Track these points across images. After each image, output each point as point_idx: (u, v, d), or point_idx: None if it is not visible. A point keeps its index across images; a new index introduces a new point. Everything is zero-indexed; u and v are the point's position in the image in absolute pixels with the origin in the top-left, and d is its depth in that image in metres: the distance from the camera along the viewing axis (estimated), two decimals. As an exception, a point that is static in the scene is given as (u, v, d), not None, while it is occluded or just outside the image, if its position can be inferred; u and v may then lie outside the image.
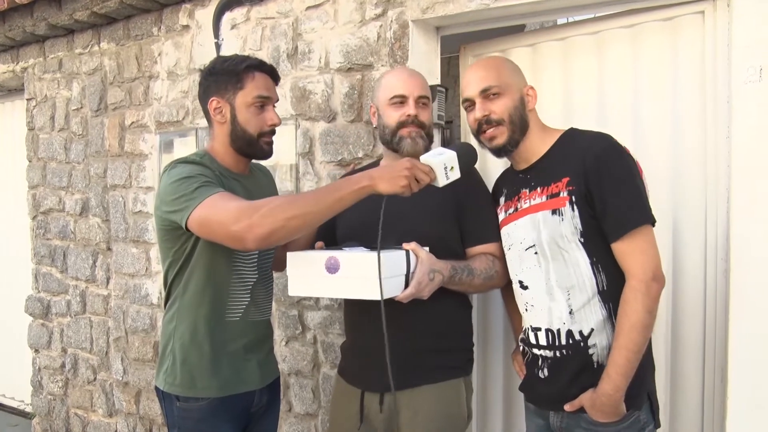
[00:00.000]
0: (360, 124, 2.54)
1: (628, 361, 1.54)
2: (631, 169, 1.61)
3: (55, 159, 3.74)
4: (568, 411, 1.66)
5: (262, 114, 1.84)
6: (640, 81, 2.14)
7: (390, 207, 1.87)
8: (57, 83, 3.70)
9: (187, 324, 1.83)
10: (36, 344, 3.93)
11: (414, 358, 1.84)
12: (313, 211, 1.54)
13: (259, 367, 1.92)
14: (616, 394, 1.55)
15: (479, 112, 1.74)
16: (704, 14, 2.00)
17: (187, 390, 1.82)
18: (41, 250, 3.85)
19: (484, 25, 2.40)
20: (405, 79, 1.94)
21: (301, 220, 1.54)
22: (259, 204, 1.54)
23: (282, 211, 1.52)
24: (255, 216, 1.51)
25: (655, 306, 1.55)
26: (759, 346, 1.83)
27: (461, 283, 1.80)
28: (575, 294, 1.64)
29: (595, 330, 1.62)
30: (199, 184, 1.65)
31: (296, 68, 2.71)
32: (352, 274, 1.59)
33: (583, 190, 1.59)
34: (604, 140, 1.64)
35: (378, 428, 1.89)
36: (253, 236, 1.52)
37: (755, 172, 1.84)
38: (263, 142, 1.86)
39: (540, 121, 1.79)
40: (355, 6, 2.53)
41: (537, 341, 1.73)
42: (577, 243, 1.62)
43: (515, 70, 1.79)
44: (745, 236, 1.85)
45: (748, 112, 1.85)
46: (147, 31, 3.24)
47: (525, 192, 1.75)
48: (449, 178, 1.60)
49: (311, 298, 2.67)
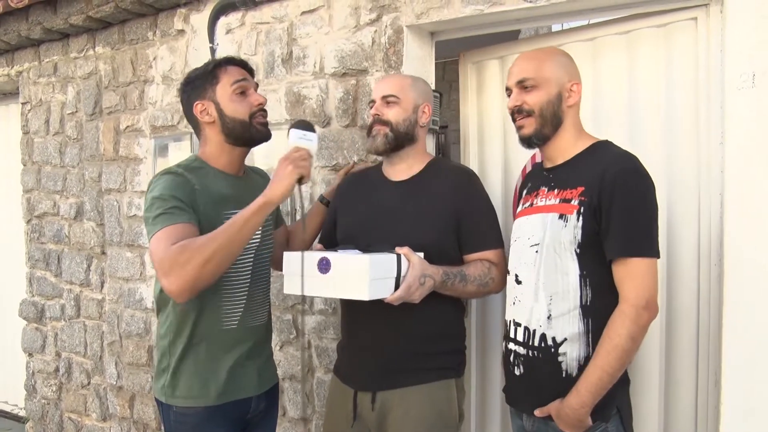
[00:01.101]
0: (355, 129, 2.54)
1: (600, 381, 1.54)
2: (648, 198, 1.59)
3: (50, 163, 3.73)
4: (537, 416, 1.67)
5: (246, 98, 1.87)
6: (634, 87, 2.14)
7: (387, 214, 1.91)
8: (52, 87, 3.70)
9: (182, 338, 1.83)
10: (30, 348, 3.92)
11: (405, 359, 1.87)
12: (223, 247, 1.60)
13: (257, 374, 1.93)
14: (581, 410, 1.56)
15: (512, 101, 1.76)
16: (697, 21, 2.01)
17: (184, 400, 1.83)
18: (35, 254, 3.84)
19: (479, 30, 2.41)
20: (377, 84, 2.02)
21: (214, 262, 1.59)
22: (177, 251, 1.58)
23: (195, 261, 1.56)
24: (176, 268, 1.57)
25: (640, 334, 1.54)
26: (753, 350, 1.82)
27: (454, 289, 1.82)
28: (557, 301, 1.64)
29: (569, 340, 1.63)
30: (163, 210, 1.68)
31: (291, 73, 2.71)
32: (342, 275, 1.63)
33: (595, 203, 1.59)
34: (629, 161, 1.62)
35: (371, 426, 1.92)
36: (177, 289, 1.59)
37: (749, 178, 1.84)
38: (256, 123, 1.88)
39: (579, 123, 1.77)
40: (349, 11, 2.53)
41: (515, 336, 1.75)
42: (572, 252, 1.62)
43: (561, 65, 1.75)
44: (739, 241, 1.85)
45: (741, 118, 1.85)
46: (142, 35, 3.24)
47: (543, 190, 1.75)
48: (311, 140, 1.71)
49: (305, 303, 2.67)
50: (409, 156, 1.99)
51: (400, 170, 2.00)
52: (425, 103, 1.99)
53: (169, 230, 1.65)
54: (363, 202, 2.02)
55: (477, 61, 2.57)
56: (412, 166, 1.99)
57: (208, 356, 1.83)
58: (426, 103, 1.99)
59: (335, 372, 2.06)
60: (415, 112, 1.96)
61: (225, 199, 1.82)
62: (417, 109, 1.97)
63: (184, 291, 1.59)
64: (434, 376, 1.88)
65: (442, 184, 1.93)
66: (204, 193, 1.77)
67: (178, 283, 1.57)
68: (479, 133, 2.58)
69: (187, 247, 1.58)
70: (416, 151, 2.00)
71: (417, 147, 2.00)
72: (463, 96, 2.65)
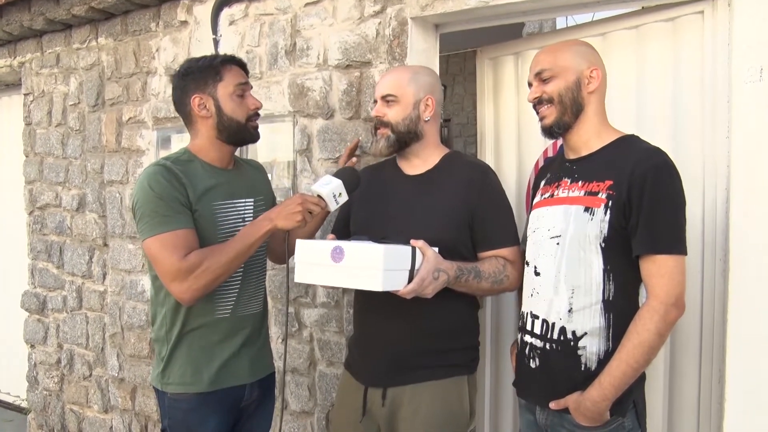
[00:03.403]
0: (358, 122, 2.53)
1: (624, 375, 1.54)
2: (679, 195, 1.59)
3: (52, 154, 3.73)
4: (553, 409, 1.66)
5: (245, 100, 1.93)
6: (641, 81, 2.13)
7: (402, 208, 1.89)
8: (54, 78, 3.69)
9: (176, 327, 1.89)
10: (32, 340, 3.92)
11: (417, 356, 1.86)
12: (232, 263, 1.77)
13: (250, 362, 1.97)
14: (603, 403, 1.55)
15: (532, 93, 1.76)
16: (704, 14, 1.99)
17: (178, 387, 1.88)
18: (37, 246, 3.84)
19: (483, 22, 2.39)
20: (379, 82, 2.00)
21: (224, 276, 1.78)
22: (193, 264, 1.72)
23: (211, 272, 1.74)
24: (190, 278, 1.73)
25: (667, 331, 1.54)
26: (757, 347, 1.82)
27: (468, 285, 1.79)
28: (579, 294, 1.63)
29: (589, 334, 1.62)
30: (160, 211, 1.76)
31: (294, 65, 2.70)
32: (356, 264, 1.61)
33: (624, 198, 1.57)
34: (660, 157, 1.61)
35: (380, 422, 1.91)
36: (189, 297, 1.76)
37: (755, 172, 1.83)
38: (251, 126, 1.95)
39: (603, 114, 1.75)
40: (353, 3, 2.52)
41: (532, 328, 1.74)
42: (597, 246, 1.61)
43: (578, 53, 1.73)
44: (744, 237, 1.84)
45: (748, 112, 1.84)
46: (145, 26, 3.22)
47: (566, 181, 1.73)
48: (338, 202, 1.83)
49: (308, 296, 2.67)
50: (421, 151, 1.95)
51: (414, 164, 1.97)
52: (427, 95, 1.92)
53: (172, 237, 1.74)
54: (378, 196, 2.00)
55: (493, 57, 2.58)
56: (426, 160, 1.96)
57: (201, 344, 1.89)
58: (428, 95, 1.92)
59: (346, 367, 2.06)
60: (416, 108, 1.91)
61: (213, 190, 1.87)
62: (418, 105, 1.91)
63: (195, 299, 1.77)
64: (446, 372, 1.86)
65: (457, 179, 1.90)
66: (192, 187, 1.82)
67: (191, 293, 1.74)
68: (495, 128, 2.59)
69: (199, 262, 1.73)
70: (427, 146, 1.95)
71: (427, 141, 1.95)
72: (479, 91, 2.66)
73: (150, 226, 1.76)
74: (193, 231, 1.79)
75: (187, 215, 1.79)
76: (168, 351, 1.90)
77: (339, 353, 2.60)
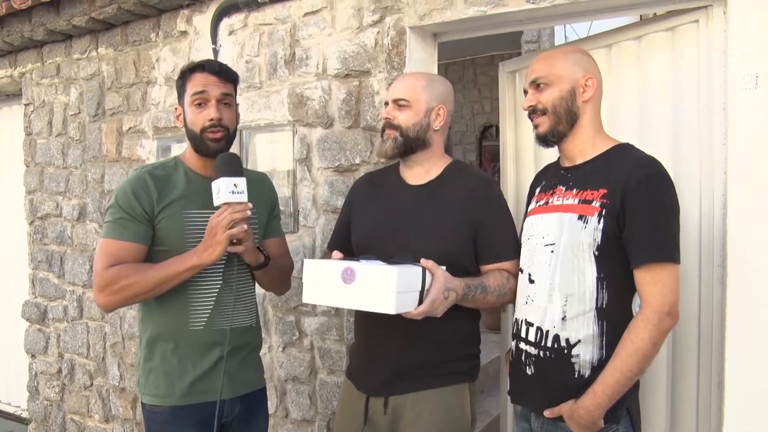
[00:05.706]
0: (357, 131, 2.54)
1: (618, 384, 1.54)
2: (673, 204, 1.59)
3: (53, 164, 3.74)
4: (547, 417, 1.66)
5: (202, 111, 1.86)
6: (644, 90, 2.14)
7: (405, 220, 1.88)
8: (55, 88, 3.70)
9: (151, 333, 1.90)
10: (33, 349, 3.92)
11: (419, 366, 1.86)
12: (150, 289, 1.77)
13: (228, 378, 1.88)
14: (596, 411, 1.56)
15: (526, 102, 1.77)
16: (698, 23, 2.01)
17: (152, 398, 1.89)
18: (38, 255, 3.84)
19: (482, 31, 2.41)
20: (392, 85, 1.99)
21: (144, 295, 1.80)
22: (112, 278, 1.76)
23: (130, 289, 1.76)
24: (106, 290, 1.77)
25: (661, 340, 1.54)
26: (756, 352, 1.82)
27: (475, 301, 1.79)
28: (572, 302, 1.64)
29: (582, 342, 1.63)
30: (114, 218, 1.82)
31: (294, 74, 2.72)
32: (368, 287, 1.57)
33: (618, 207, 1.58)
34: (654, 166, 1.61)
35: (381, 430, 1.90)
36: (104, 307, 1.82)
37: (752, 179, 1.84)
38: (206, 138, 1.86)
39: (598, 122, 1.76)
40: (352, 12, 2.54)
41: (527, 336, 1.74)
42: (590, 255, 1.61)
43: (574, 61, 1.73)
44: (742, 243, 1.85)
45: (744, 119, 1.85)
46: (145, 36, 3.24)
47: (561, 189, 1.74)
48: (244, 191, 1.74)
49: (308, 304, 2.67)
50: (426, 160, 1.94)
51: (417, 174, 1.96)
52: (440, 105, 1.91)
53: (112, 246, 1.80)
54: (380, 206, 1.98)
55: (513, 71, 2.60)
56: (429, 170, 1.95)
57: (175, 355, 1.88)
58: (441, 105, 1.92)
59: (348, 376, 2.05)
60: (428, 115, 1.90)
61: (187, 198, 1.87)
62: (430, 113, 1.90)
63: (109, 310, 1.84)
64: (447, 380, 1.86)
65: (461, 191, 1.89)
66: (162, 195, 1.84)
67: (105, 303, 1.80)
68: (515, 140, 2.61)
69: (120, 278, 1.76)
70: (432, 155, 1.94)
71: (432, 151, 1.93)
72: (501, 104, 2.68)
73: (104, 229, 1.84)
74: (137, 246, 1.81)
75: (138, 229, 1.81)
76: (142, 357, 1.91)
77: (340, 361, 2.60)
